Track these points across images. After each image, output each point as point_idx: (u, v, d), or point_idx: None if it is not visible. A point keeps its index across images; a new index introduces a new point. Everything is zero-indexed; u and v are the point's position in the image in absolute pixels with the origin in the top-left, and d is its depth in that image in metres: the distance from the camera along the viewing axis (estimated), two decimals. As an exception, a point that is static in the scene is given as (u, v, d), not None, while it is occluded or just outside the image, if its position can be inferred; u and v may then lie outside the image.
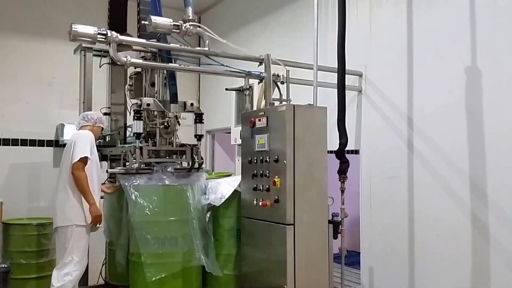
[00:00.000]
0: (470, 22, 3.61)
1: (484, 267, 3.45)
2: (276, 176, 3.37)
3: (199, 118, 4.19)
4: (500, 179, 3.37)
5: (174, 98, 4.09)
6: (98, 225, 3.76)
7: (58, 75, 5.98)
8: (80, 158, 3.62)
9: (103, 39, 3.51)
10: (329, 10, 4.64)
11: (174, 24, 3.73)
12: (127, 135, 4.61)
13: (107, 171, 4.33)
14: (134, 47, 3.94)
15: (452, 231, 3.65)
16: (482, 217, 3.47)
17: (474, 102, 3.55)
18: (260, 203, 3.49)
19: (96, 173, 3.84)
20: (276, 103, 3.89)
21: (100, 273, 4.45)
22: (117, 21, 4.45)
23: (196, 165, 4.04)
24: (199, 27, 3.88)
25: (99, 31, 3.49)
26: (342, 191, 3.83)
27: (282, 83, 4.12)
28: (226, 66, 4.02)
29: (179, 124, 4.16)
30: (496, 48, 3.43)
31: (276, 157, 3.39)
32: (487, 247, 3.42)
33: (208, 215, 3.99)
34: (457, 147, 3.64)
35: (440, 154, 3.77)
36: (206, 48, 3.88)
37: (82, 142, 3.70)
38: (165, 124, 4.05)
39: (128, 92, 4.47)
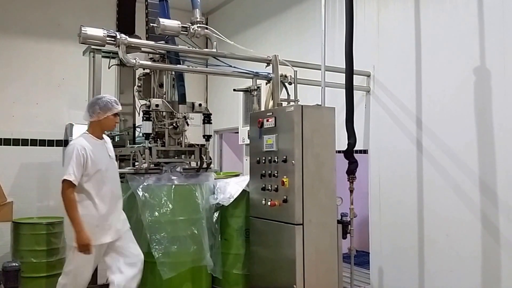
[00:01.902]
0: (478, 22, 3.59)
1: (495, 267, 3.43)
2: (285, 176, 3.38)
3: (207, 119, 4.21)
4: (510, 179, 3.35)
5: (182, 98, 4.12)
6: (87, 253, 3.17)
7: (68, 76, 6.03)
8: (64, 179, 3.15)
9: (112, 41, 3.55)
10: (337, 11, 4.64)
11: (182, 26, 3.75)
12: (136, 135, 4.64)
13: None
14: (142, 49, 3.96)
15: (462, 231, 3.64)
16: (492, 217, 3.46)
17: (483, 102, 3.53)
18: (269, 203, 3.50)
19: (101, 183, 3.27)
20: (284, 104, 3.90)
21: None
22: (125, 23, 4.48)
23: (205, 165, 4.06)
24: (207, 28, 3.90)
25: (108, 34, 3.53)
26: (351, 191, 3.84)
27: (290, 83, 4.13)
28: (234, 67, 4.04)
29: (188, 124, 4.18)
30: (505, 48, 3.41)
31: (285, 157, 3.40)
32: (498, 247, 3.41)
33: (216, 215, 4.01)
34: (466, 146, 3.63)
35: (449, 154, 3.76)
36: (214, 50, 3.91)
37: (66, 160, 3.21)
38: (174, 124, 4.07)
39: (136, 93, 4.50)
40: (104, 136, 3.49)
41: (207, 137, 4.20)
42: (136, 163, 3.94)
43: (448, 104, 3.79)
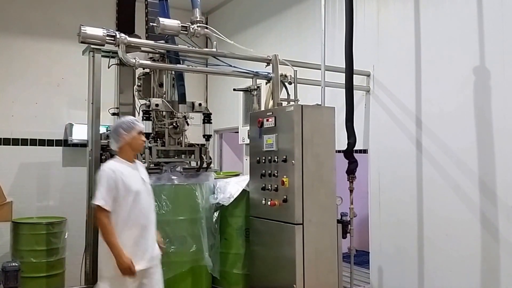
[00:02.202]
0: (478, 22, 3.59)
1: (494, 266, 3.44)
2: (285, 176, 3.39)
3: (207, 118, 4.21)
4: (510, 178, 3.36)
5: (182, 98, 4.12)
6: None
7: (67, 76, 6.03)
8: (96, 205, 3.02)
9: (111, 41, 3.55)
10: (337, 10, 4.64)
11: (182, 26, 3.75)
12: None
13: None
14: (142, 49, 3.96)
15: (462, 231, 3.65)
16: (491, 217, 3.46)
17: (483, 101, 3.54)
18: (269, 203, 3.50)
19: (133, 207, 3.11)
20: (284, 103, 3.90)
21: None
22: (125, 23, 4.47)
23: (205, 165, 4.06)
24: (207, 28, 3.90)
25: (107, 33, 3.53)
26: (351, 191, 3.84)
27: (290, 83, 4.13)
28: (234, 66, 4.04)
29: (188, 124, 4.17)
30: (504, 48, 3.41)
31: (285, 157, 3.40)
32: (497, 247, 3.42)
33: (216, 215, 4.01)
34: (466, 146, 3.63)
35: (449, 153, 3.76)
36: (214, 49, 3.90)
37: (98, 184, 3.07)
38: (174, 124, 4.07)
39: (136, 92, 4.50)
40: (136, 160, 3.34)
41: (207, 137, 4.20)
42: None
43: (448, 104, 3.79)
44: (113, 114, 4.68)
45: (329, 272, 3.45)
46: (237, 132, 6.22)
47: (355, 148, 3.87)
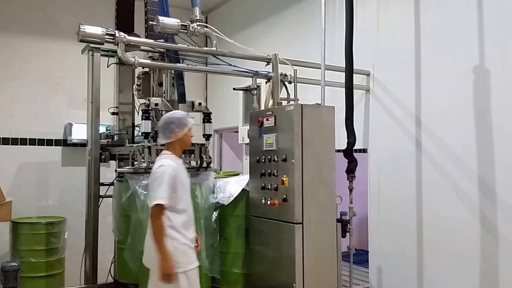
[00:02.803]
0: (477, 21, 3.59)
1: (493, 266, 3.44)
2: (285, 175, 3.38)
3: (207, 118, 4.20)
4: (509, 178, 3.36)
5: (182, 97, 4.11)
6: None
7: (66, 75, 6.02)
8: (156, 204, 2.95)
9: (111, 40, 3.54)
10: (337, 9, 4.63)
11: (181, 25, 3.74)
12: (135, 134, 4.63)
13: (115, 171, 4.37)
14: (142, 47, 3.95)
15: (461, 230, 3.65)
16: (491, 216, 3.46)
17: (482, 101, 3.54)
18: (269, 202, 3.50)
19: (186, 205, 3.17)
20: (284, 103, 3.89)
21: (109, 271, 4.48)
22: (124, 22, 4.46)
23: (204, 164, 4.05)
24: (206, 27, 3.89)
25: (107, 32, 3.52)
26: (350, 190, 3.84)
27: (290, 82, 4.13)
28: (234, 65, 4.04)
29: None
30: (504, 47, 3.41)
31: (284, 156, 3.40)
32: (496, 246, 3.42)
33: (215, 214, 4.00)
34: (465, 146, 3.63)
35: (449, 153, 3.76)
36: (214, 48, 3.89)
37: (157, 182, 3.00)
38: (173, 123, 4.06)
39: (136, 91, 4.49)
40: None
41: (207, 136, 4.19)
42: (136, 162, 3.94)
43: (448, 103, 3.79)
44: (113, 113, 4.69)
45: (329, 271, 3.45)
46: (237, 132, 6.21)
47: (354, 148, 3.86)
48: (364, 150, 4.59)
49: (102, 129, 4.48)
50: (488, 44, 3.52)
